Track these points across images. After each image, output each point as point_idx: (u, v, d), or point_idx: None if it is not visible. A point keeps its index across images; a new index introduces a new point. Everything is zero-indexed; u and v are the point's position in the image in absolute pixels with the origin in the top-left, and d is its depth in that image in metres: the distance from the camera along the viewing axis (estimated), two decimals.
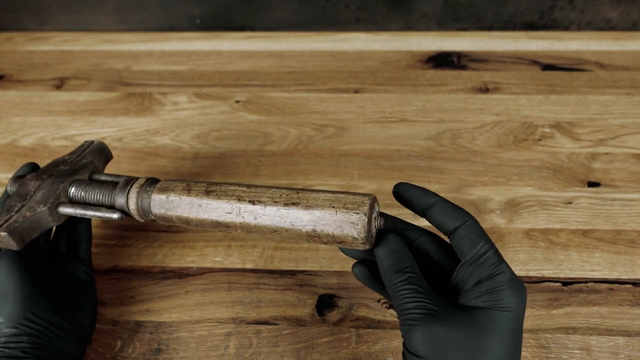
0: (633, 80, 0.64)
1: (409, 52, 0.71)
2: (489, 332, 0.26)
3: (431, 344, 0.26)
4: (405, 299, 0.28)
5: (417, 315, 0.27)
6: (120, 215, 0.40)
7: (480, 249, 0.29)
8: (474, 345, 0.26)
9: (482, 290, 0.28)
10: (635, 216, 0.50)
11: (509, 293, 0.27)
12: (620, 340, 0.42)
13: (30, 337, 0.36)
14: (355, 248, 0.32)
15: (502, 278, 0.28)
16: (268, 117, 0.62)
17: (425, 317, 0.27)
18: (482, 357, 0.26)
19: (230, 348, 0.43)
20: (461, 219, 0.31)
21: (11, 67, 0.71)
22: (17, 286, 0.38)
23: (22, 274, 0.39)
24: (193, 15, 0.74)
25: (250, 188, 0.35)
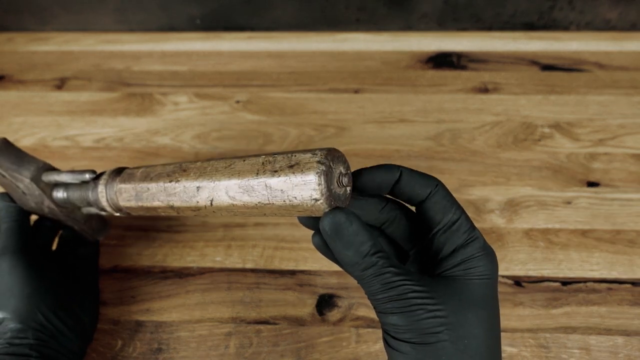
0: (632, 80, 0.64)
1: (408, 52, 0.71)
2: (472, 303, 0.26)
3: (418, 327, 0.25)
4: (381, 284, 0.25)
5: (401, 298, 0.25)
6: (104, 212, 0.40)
7: (452, 215, 0.28)
8: (459, 320, 0.25)
9: (458, 260, 0.27)
10: (634, 216, 0.50)
11: (484, 260, 0.27)
12: (619, 340, 0.42)
13: (35, 332, 0.37)
14: (316, 215, 0.27)
15: (477, 244, 0.27)
16: (268, 117, 0.62)
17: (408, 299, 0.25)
18: (468, 330, 0.25)
19: (231, 348, 0.43)
20: (431, 185, 0.29)
21: (12, 68, 0.71)
22: (23, 282, 0.38)
23: (27, 270, 0.39)
24: (193, 16, 0.74)
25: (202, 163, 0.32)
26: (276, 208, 0.28)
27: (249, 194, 0.28)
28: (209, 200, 0.30)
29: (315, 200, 0.26)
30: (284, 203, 0.27)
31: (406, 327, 0.25)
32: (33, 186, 0.41)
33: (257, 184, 0.28)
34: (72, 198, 0.41)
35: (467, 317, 0.25)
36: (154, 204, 0.34)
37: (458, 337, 0.25)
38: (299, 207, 0.27)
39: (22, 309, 0.37)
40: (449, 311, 0.25)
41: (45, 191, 0.41)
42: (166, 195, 0.33)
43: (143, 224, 0.52)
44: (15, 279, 0.38)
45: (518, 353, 0.42)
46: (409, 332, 0.25)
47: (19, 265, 0.38)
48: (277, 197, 0.27)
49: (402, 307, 0.25)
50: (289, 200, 0.27)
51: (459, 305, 0.25)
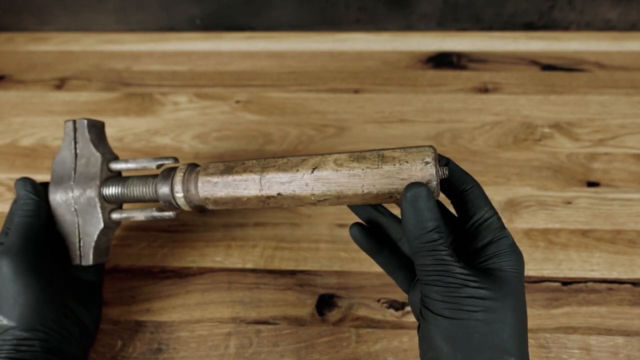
0: (632, 80, 0.64)
1: (408, 52, 0.71)
2: (506, 292, 0.28)
3: (456, 303, 0.27)
4: (436, 260, 0.28)
5: (447, 276, 0.28)
6: (176, 213, 0.39)
7: (485, 213, 0.31)
8: (495, 305, 0.27)
9: (490, 253, 0.30)
10: (634, 216, 0.50)
11: (513, 256, 0.29)
12: (619, 340, 0.42)
13: (41, 342, 0.36)
14: None
15: (507, 241, 0.30)
16: (268, 117, 0.62)
17: (451, 276, 0.28)
18: (502, 315, 0.27)
19: (231, 348, 0.43)
20: (470, 182, 0.33)
21: (12, 68, 0.71)
22: (28, 289, 0.37)
23: (31, 277, 0.37)
24: (193, 15, 0.74)
25: (301, 157, 0.35)
26: (385, 193, 0.32)
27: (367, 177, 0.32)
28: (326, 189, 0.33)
29: (429, 179, 0.31)
30: (395, 188, 0.32)
31: (444, 300, 0.28)
32: (98, 162, 0.40)
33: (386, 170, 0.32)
34: (128, 192, 0.39)
35: (501, 302, 0.28)
36: (248, 193, 0.35)
37: (492, 320, 0.27)
38: None
39: (27, 318, 0.36)
40: (486, 294, 0.28)
41: (101, 177, 0.40)
42: (270, 184, 0.34)
43: (143, 224, 0.52)
44: (20, 286, 0.37)
45: None
46: (447, 306, 0.28)
47: (25, 271, 0.37)
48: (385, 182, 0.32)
49: (446, 282, 0.28)
50: (399, 184, 0.31)
51: (494, 290, 0.28)
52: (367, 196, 0.33)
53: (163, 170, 0.39)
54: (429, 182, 0.31)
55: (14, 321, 0.36)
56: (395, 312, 0.45)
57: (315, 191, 0.34)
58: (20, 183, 0.41)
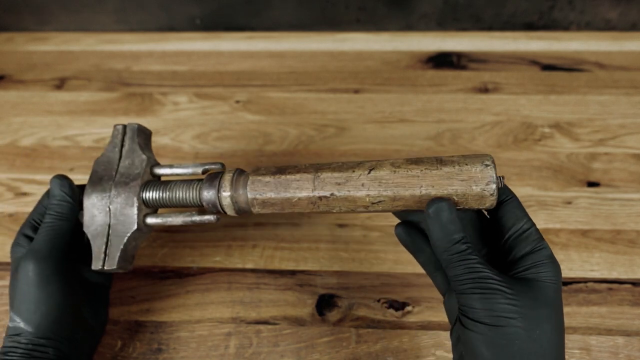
0: (632, 80, 0.64)
1: (408, 52, 0.71)
2: (544, 302, 0.28)
3: (495, 310, 0.28)
4: (468, 268, 0.29)
5: (482, 283, 0.28)
6: (217, 217, 0.38)
7: (524, 224, 0.31)
8: (533, 314, 0.28)
9: (529, 263, 0.30)
10: (634, 216, 0.50)
11: (551, 267, 0.30)
12: (619, 340, 0.42)
13: (55, 349, 0.36)
14: (480, 207, 0.32)
15: (545, 253, 0.30)
16: (268, 117, 0.62)
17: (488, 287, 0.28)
18: (539, 323, 0.28)
19: (230, 348, 0.43)
20: (507, 194, 0.33)
21: (11, 68, 0.71)
22: (50, 298, 0.37)
23: (55, 284, 0.37)
24: (193, 15, 0.74)
25: (356, 161, 0.35)
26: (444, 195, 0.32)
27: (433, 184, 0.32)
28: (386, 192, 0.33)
29: (491, 192, 0.31)
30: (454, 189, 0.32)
31: (483, 309, 0.28)
32: (142, 165, 0.39)
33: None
34: (170, 195, 0.39)
35: (539, 311, 0.28)
36: (300, 193, 0.35)
37: (530, 327, 0.27)
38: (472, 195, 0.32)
39: (46, 326, 0.36)
40: (523, 302, 0.28)
41: (143, 178, 0.40)
42: (323, 184, 0.34)
43: None
44: (43, 294, 0.36)
45: None
46: (486, 313, 0.28)
47: (50, 278, 0.37)
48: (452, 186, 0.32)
49: (482, 290, 0.28)
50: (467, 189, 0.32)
51: (531, 299, 0.28)
52: (424, 198, 0.32)
53: (208, 174, 0.38)
54: (489, 184, 0.31)
55: (32, 327, 0.36)
56: (395, 312, 0.45)
57: (371, 192, 0.33)
58: (57, 182, 0.40)
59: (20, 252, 0.39)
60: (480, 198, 0.32)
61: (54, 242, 0.38)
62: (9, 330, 0.37)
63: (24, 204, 0.54)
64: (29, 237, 0.40)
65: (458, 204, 0.32)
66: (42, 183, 0.56)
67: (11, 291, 0.38)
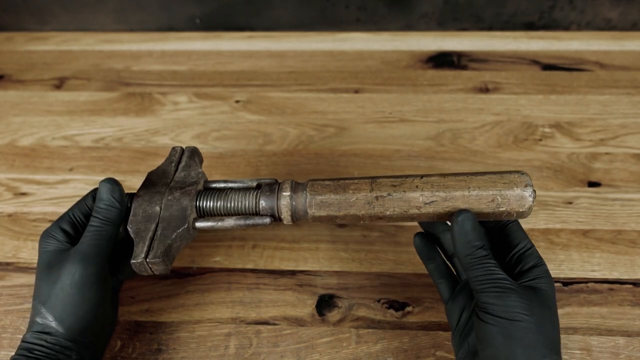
0: (633, 80, 0.64)
1: (409, 52, 0.71)
2: (546, 305, 0.34)
3: (511, 307, 0.32)
4: (488, 271, 0.34)
5: (500, 284, 0.33)
6: (270, 219, 0.40)
7: (527, 244, 0.37)
8: (540, 313, 0.33)
9: (533, 275, 0.35)
10: (635, 216, 0.50)
11: (548, 279, 0.35)
12: (620, 341, 0.42)
13: (77, 354, 0.36)
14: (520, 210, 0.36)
15: (544, 268, 0.36)
16: (268, 117, 0.62)
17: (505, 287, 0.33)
18: (545, 322, 0.33)
19: (230, 348, 0.43)
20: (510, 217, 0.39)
21: (11, 67, 0.71)
22: (88, 303, 0.37)
23: (95, 290, 0.37)
24: (193, 15, 0.74)
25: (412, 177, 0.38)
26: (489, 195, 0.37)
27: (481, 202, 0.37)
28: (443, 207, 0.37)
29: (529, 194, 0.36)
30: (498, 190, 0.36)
31: (502, 305, 0.33)
32: (198, 176, 0.42)
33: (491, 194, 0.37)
34: (226, 202, 0.40)
35: (543, 311, 0.33)
36: (358, 193, 0.38)
37: (539, 323, 0.32)
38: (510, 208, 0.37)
39: (77, 331, 0.36)
40: (532, 303, 0.33)
41: (197, 187, 0.41)
42: (380, 186, 0.38)
43: None
44: (83, 298, 0.36)
45: None
46: (504, 309, 0.33)
47: (92, 284, 0.37)
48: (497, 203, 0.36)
49: (500, 289, 0.33)
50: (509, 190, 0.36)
51: (538, 301, 0.34)
52: (472, 198, 0.36)
53: (267, 185, 0.41)
54: (527, 187, 0.36)
55: (64, 329, 0.36)
56: (395, 312, 0.45)
57: (424, 192, 0.37)
58: (108, 186, 0.39)
59: (52, 245, 0.38)
60: (520, 199, 0.36)
61: (100, 247, 0.38)
62: (35, 325, 0.36)
63: (23, 204, 0.54)
64: (64, 232, 0.39)
65: (500, 205, 0.36)
66: (42, 183, 0.56)
67: (42, 285, 0.37)
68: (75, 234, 0.39)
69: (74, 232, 0.39)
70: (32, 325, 0.36)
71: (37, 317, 0.36)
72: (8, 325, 0.45)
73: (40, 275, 0.38)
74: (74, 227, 0.40)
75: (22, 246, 0.50)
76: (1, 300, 0.46)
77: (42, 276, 0.38)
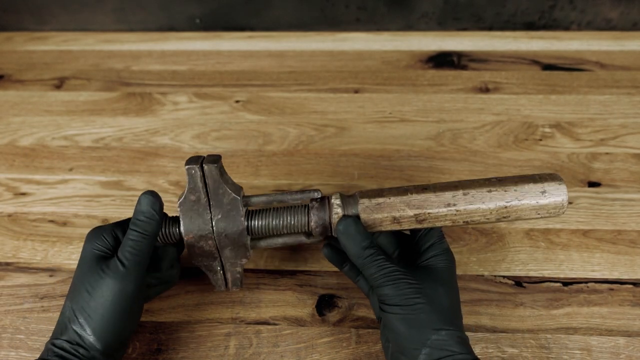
0: (633, 80, 0.64)
1: (409, 52, 0.71)
2: (440, 283, 0.37)
3: (403, 294, 0.36)
4: (379, 267, 0.37)
5: (392, 276, 0.36)
6: (320, 238, 0.41)
7: (430, 227, 0.41)
8: (432, 292, 0.36)
9: (430, 254, 0.39)
10: (635, 216, 0.50)
11: (446, 256, 0.39)
12: (620, 341, 0.42)
13: None
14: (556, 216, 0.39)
15: (443, 246, 0.40)
16: (268, 117, 0.62)
17: (393, 276, 0.36)
18: (437, 297, 0.36)
19: (230, 348, 0.43)
20: None
21: (11, 67, 0.71)
22: (128, 320, 0.37)
23: (135, 307, 0.38)
24: (193, 15, 0.74)
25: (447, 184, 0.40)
26: None
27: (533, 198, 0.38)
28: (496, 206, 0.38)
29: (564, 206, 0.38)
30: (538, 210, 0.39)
31: (394, 294, 0.36)
32: (237, 200, 0.40)
33: None
34: (277, 223, 0.40)
35: (437, 290, 0.37)
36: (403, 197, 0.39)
37: (431, 301, 0.36)
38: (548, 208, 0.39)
39: (114, 347, 0.36)
40: (424, 285, 0.37)
41: (242, 211, 0.41)
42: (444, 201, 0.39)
43: None
44: (123, 315, 0.37)
45: (519, 354, 0.41)
46: (397, 297, 0.36)
47: (133, 302, 0.37)
48: None
49: (392, 281, 0.36)
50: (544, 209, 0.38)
51: (430, 281, 0.37)
52: None
53: (311, 200, 0.41)
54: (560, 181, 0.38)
55: (101, 345, 0.36)
56: None
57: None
58: (150, 199, 0.38)
59: (98, 247, 0.38)
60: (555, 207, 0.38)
61: (141, 264, 0.37)
62: (70, 332, 0.36)
63: (23, 204, 0.54)
64: (115, 238, 0.39)
65: None
66: (41, 183, 0.56)
67: (81, 289, 0.37)
68: None
69: None
70: (67, 332, 0.36)
71: (74, 325, 0.36)
72: (8, 325, 0.45)
73: (80, 277, 0.38)
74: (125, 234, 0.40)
75: (22, 246, 0.50)
76: (1, 300, 0.46)
77: (82, 279, 0.37)
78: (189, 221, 0.40)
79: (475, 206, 0.38)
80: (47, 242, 0.51)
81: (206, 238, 0.40)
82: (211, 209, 0.40)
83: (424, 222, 0.39)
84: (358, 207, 0.39)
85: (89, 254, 0.38)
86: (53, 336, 0.37)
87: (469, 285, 0.46)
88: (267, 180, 0.55)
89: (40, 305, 0.46)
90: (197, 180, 0.40)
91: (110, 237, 0.39)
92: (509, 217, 0.39)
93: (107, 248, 0.38)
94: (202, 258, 0.41)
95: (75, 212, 0.53)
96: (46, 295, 0.47)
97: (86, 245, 0.39)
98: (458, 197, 0.38)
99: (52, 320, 0.45)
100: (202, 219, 0.40)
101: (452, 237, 0.49)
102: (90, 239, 0.39)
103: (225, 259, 0.41)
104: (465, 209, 0.38)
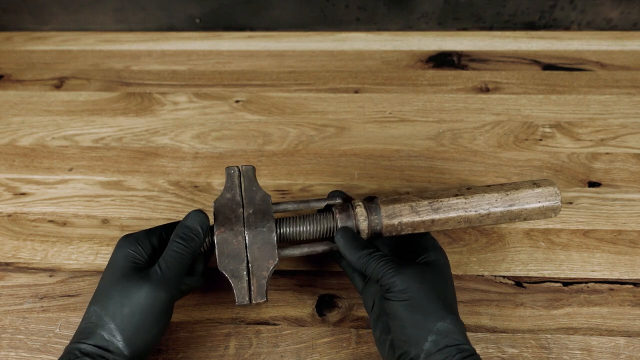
0: (634, 80, 0.64)
1: (409, 52, 0.70)
2: (437, 273, 0.39)
3: (407, 281, 0.37)
4: (379, 260, 0.39)
5: (392, 265, 0.38)
6: None
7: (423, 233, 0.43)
8: (432, 280, 0.38)
9: (426, 254, 0.41)
10: (636, 216, 0.50)
11: (439, 254, 0.41)
12: (621, 341, 0.42)
13: None
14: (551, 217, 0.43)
15: (436, 245, 0.42)
16: (268, 117, 0.62)
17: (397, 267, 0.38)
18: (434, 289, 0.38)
19: (230, 348, 0.43)
20: None
21: (10, 67, 0.71)
22: (160, 329, 0.38)
23: (168, 317, 0.38)
24: (193, 15, 0.74)
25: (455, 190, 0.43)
26: None
27: None
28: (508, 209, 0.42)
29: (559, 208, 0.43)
30: None
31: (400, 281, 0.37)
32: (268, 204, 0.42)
33: None
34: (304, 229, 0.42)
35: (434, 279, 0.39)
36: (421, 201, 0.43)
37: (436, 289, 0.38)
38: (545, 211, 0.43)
39: (139, 354, 0.36)
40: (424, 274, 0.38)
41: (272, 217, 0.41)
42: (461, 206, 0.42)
43: (144, 224, 0.52)
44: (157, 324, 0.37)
45: (519, 354, 0.41)
46: (403, 284, 0.37)
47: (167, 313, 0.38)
48: None
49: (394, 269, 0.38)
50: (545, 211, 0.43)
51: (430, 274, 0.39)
52: None
53: (331, 207, 0.43)
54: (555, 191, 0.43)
55: (129, 352, 0.36)
56: None
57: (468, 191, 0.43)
58: (200, 216, 0.40)
59: (133, 255, 0.38)
60: None
61: (180, 276, 0.38)
62: (97, 337, 0.36)
63: (23, 204, 0.54)
64: (152, 246, 0.39)
65: None
66: (41, 183, 0.56)
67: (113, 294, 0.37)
68: (155, 253, 0.39)
69: (158, 249, 0.40)
70: (93, 337, 0.36)
71: (102, 330, 0.36)
72: (8, 325, 0.45)
73: (112, 283, 0.37)
74: (160, 244, 0.40)
75: (22, 246, 0.50)
76: (1, 301, 0.46)
77: (114, 285, 0.37)
78: (222, 217, 0.41)
79: None
80: (46, 242, 0.51)
81: (236, 233, 0.40)
82: (244, 203, 0.42)
83: (438, 210, 0.42)
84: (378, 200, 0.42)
85: (121, 260, 0.38)
86: (75, 340, 0.36)
87: (469, 285, 0.46)
88: (267, 180, 0.55)
89: (40, 305, 0.46)
90: (234, 178, 0.43)
91: (146, 245, 0.39)
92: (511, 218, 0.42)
93: (142, 255, 0.38)
94: (230, 260, 0.40)
95: (75, 212, 0.53)
96: (46, 295, 0.47)
97: (118, 251, 0.39)
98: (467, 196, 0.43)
99: (52, 320, 0.45)
100: (235, 213, 0.41)
101: (452, 237, 0.49)
102: (124, 245, 0.39)
103: (252, 260, 0.40)
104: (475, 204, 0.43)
